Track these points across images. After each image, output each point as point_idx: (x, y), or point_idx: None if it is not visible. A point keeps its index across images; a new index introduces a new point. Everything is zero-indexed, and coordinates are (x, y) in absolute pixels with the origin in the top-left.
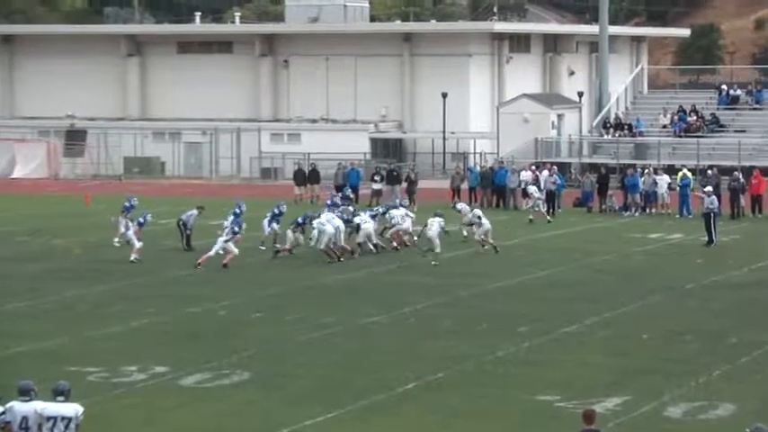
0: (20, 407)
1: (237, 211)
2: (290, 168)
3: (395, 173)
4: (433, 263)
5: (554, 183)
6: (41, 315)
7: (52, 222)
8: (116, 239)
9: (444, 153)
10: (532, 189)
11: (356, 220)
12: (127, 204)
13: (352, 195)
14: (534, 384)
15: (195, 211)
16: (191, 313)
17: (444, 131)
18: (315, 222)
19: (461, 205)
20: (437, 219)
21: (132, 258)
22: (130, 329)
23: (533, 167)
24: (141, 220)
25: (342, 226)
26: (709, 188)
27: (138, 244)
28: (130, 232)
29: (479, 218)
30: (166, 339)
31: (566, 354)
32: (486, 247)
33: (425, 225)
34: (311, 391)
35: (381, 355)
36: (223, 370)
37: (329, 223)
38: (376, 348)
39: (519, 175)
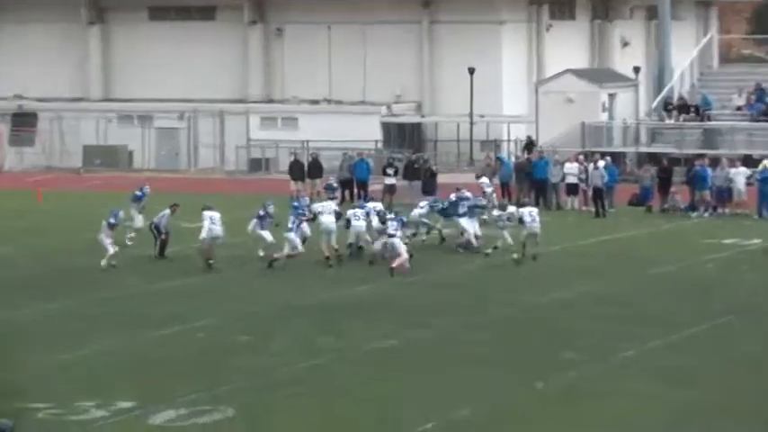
0: None
1: (262, 213)
2: (285, 160)
3: (415, 165)
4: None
5: (601, 177)
6: None
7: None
8: (129, 236)
9: (471, 141)
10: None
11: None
12: (138, 193)
13: (336, 185)
14: (585, 423)
15: (168, 211)
16: (162, 336)
17: (471, 115)
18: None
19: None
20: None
21: (103, 264)
22: (88, 355)
23: (580, 158)
24: (112, 219)
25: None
26: None
27: (111, 249)
28: (103, 235)
29: (521, 220)
30: (132, 367)
31: (621, 385)
32: (516, 256)
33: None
34: (307, 431)
35: (393, 386)
36: (201, 405)
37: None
38: (386, 379)
39: (562, 168)
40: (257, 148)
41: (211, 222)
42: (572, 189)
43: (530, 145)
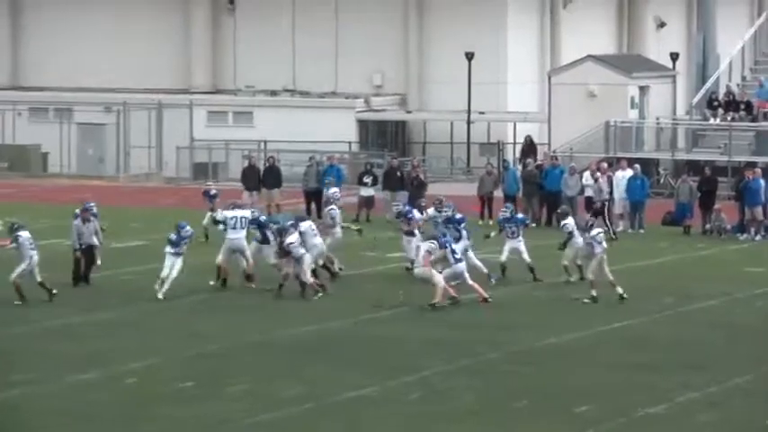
0: None
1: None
2: (238, 164)
3: (399, 172)
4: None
5: (599, 190)
6: None
7: None
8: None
9: (469, 143)
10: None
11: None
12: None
13: (214, 192)
14: None
15: (78, 222)
16: (83, 381)
17: (469, 111)
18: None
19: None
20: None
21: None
22: None
23: (603, 166)
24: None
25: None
26: None
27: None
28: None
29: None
30: (46, 423)
31: None
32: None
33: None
34: None
35: None
36: None
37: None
38: None
39: (581, 178)
40: (203, 150)
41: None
42: (591, 204)
43: (530, 148)
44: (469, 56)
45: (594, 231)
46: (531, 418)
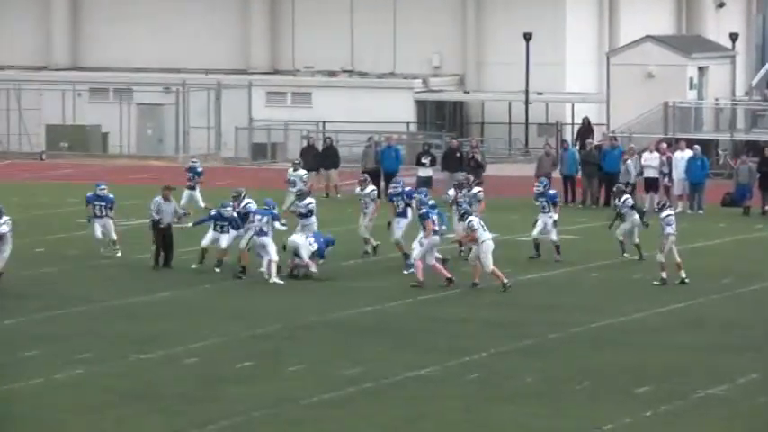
0: None
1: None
2: (296, 145)
3: (458, 153)
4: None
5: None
6: None
7: None
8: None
9: (527, 124)
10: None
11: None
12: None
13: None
14: None
15: (159, 199)
16: (145, 361)
17: (527, 91)
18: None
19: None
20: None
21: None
22: (54, 384)
23: (663, 146)
24: None
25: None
26: None
27: None
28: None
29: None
30: (109, 399)
31: (709, 428)
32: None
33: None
34: None
35: (430, 425)
36: None
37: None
38: (422, 415)
39: (640, 158)
40: (261, 131)
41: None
42: (651, 185)
43: (587, 129)
44: (528, 36)
45: (665, 213)
46: (591, 399)
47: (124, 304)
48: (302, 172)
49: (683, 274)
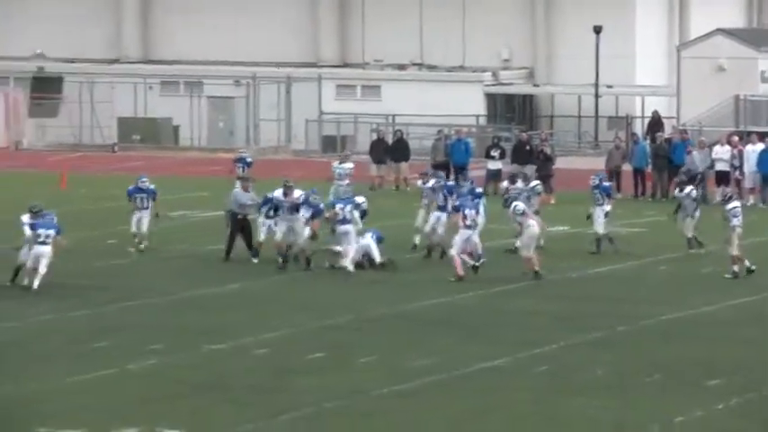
0: None
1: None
2: (366, 138)
3: (527, 146)
4: None
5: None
6: None
7: (9, 215)
8: (133, 247)
9: (597, 117)
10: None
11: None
12: (132, 188)
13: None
14: None
15: (238, 190)
16: (216, 352)
17: (597, 84)
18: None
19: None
20: None
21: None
22: (125, 375)
23: (734, 139)
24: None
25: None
26: None
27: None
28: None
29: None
30: (179, 390)
31: None
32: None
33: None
34: None
35: (500, 416)
36: None
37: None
38: (491, 408)
39: (710, 152)
40: (331, 124)
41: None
42: (722, 178)
43: (657, 123)
44: (597, 29)
45: (731, 205)
46: (661, 391)
47: (195, 296)
48: (349, 165)
49: (748, 263)
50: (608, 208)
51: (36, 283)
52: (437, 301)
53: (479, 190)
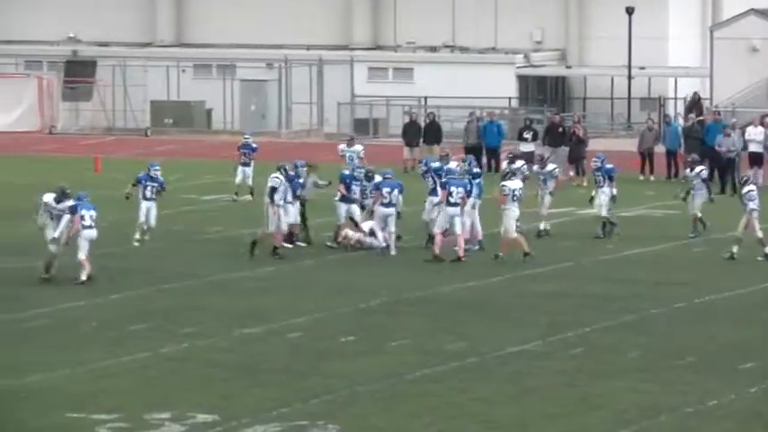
0: None
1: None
2: (398, 120)
3: (560, 128)
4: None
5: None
6: (27, 336)
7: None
8: (138, 239)
9: (630, 98)
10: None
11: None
12: (143, 175)
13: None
14: None
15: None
16: (248, 335)
17: (630, 66)
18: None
19: None
20: None
21: (83, 279)
22: (159, 358)
23: (767, 120)
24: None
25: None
26: None
27: (82, 259)
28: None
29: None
30: (212, 374)
31: None
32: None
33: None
34: None
35: (533, 399)
36: (297, 420)
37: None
38: (525, 390)
39: (743, 133)
40: (364, 106)
41: None
42: (756, 159)
43: (696, 104)
44: (630, 10)
45: (747, 188)
46: (696, 374)
47: (227, 279)
48: (358, 147)
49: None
50: (613, 191)
51: (84, 276)
52: (468, 285)
53: (477, 170)
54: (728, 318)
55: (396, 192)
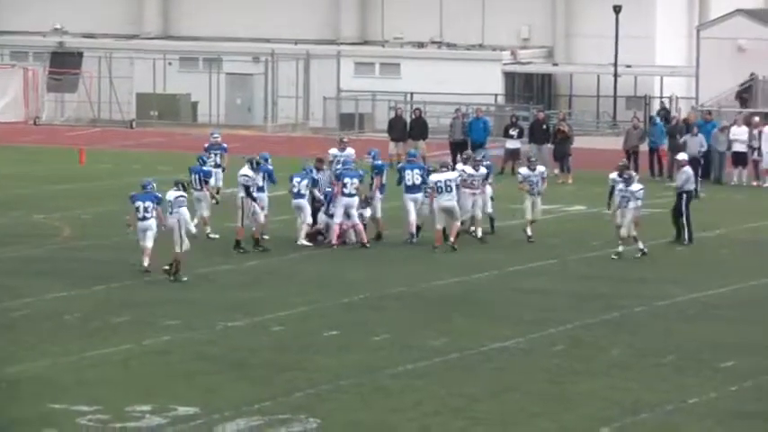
0: None
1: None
2: (384, 115)
3: (544, 125)
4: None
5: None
6: (9, 326)
7: (28, 189)
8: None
9: (615, 97)
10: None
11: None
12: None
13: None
14: None
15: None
16: (232, 329)
17: (616, 65)
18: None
19: None
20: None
21: (145, 266)
22: (141, 351)
23: (755, 120)
24: (154, 194)
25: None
26: None
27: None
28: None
29: None
30: (195, 367)
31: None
32: None
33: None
34: None
35: (515, 396)
36: (278, 414)
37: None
38: (507, 387)
39: (728, 133)
40: (349, 101)
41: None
42: (740, 159)
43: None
44: (617, 9)
45: (636, 186)
46: (677, 372)
47: (212, 272)
48: (350, 151)
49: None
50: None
51: (146, 262)
52: (453, 281)
53: (379, 162)
54: (710, 316)
55: (356, 181)
